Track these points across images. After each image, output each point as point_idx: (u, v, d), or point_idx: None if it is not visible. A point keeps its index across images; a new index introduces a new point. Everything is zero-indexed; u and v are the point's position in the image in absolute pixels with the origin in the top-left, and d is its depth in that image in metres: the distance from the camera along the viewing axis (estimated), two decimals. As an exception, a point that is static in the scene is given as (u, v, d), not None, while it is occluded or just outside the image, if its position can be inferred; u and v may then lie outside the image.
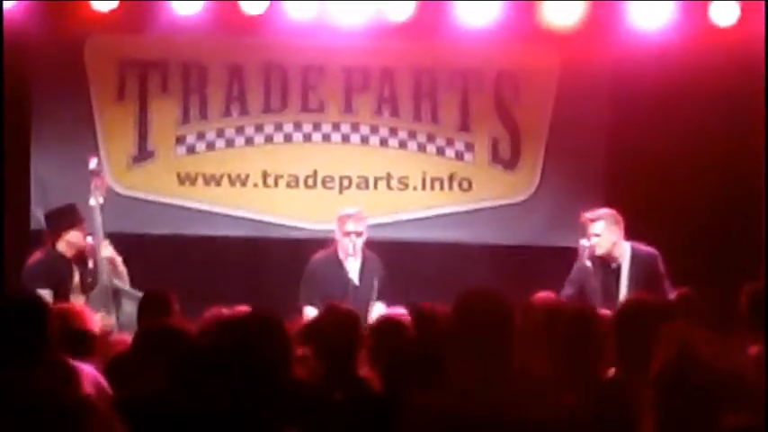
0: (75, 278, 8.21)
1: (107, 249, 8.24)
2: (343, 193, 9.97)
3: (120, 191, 9.84)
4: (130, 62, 9.97)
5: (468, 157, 10.07)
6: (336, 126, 10.06)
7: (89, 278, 8.19)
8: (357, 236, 8.58)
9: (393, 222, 9.96)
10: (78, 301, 7.90)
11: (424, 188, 10.05)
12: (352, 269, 8.52)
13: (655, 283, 8.06)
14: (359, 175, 10.04)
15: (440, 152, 10.06)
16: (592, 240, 8.35)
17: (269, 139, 10.04)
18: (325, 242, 8.94)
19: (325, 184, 10.03)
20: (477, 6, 9.56)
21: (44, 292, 7.47)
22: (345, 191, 10.00)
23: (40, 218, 8.91)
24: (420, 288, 8.55)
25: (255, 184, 10.00)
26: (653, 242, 8.50)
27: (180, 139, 10.00)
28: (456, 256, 9.81)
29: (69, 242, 8.27)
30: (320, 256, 8.73)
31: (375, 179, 10.04)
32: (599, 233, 8.37)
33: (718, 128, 9.74)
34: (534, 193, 10.05)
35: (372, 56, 10.00)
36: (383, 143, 10.07)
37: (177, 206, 9.98)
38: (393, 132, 10.06)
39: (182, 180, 9.99)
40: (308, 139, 10.06)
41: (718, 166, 9.84)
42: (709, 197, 9.83)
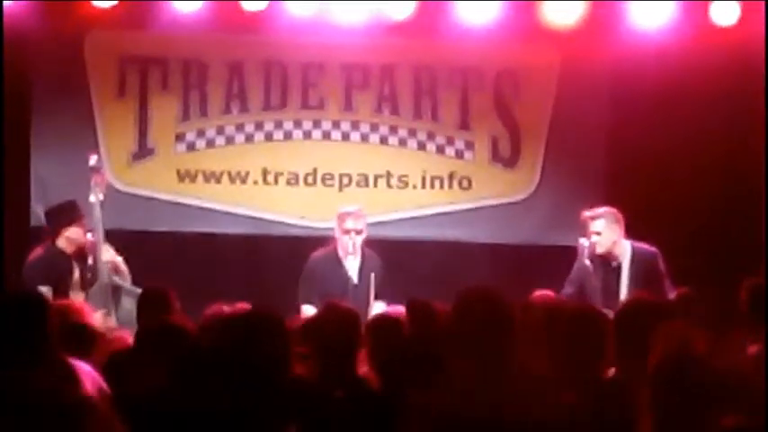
0: (75, 275, 8.21)
1: (108, 252, 8.24)
2: (343, 191, 9.96)
3: (120, 188, 9.84)
4: (131, 59, 9.97)
5: (468, 155, 10.06)
6: (336, 124, 10.05)
7: (89, 274, 8.19)
8: (357, 234, 8.55)
9: (393, 220, 9.96)
10: (78, 297, 7.90)
11: (423, 186, 10.05)
12: (352, 267, 8.49)
13: (655, 282, 8.05)
14: (359, 173, 10.04)
15: (440, 150, 10.06)
16: (592, 238, 8.33)
17: (269, 137, 10.04)
18: (324, 240, 8.93)
19: (324, 181, 10.02)
20: (478, 5, 9.57)
21: (44, 289, 7.48)
22: (345, 189, 10.00)
23: (40, 214, 8.93)
24: (419, 287, 8.51)
25: (255, 182, 10.00)
26: (653, 242, 8.49)
27: (180, 137, 10.00)
28: (456, 255, 9.81)
29: (69, 239, 8.27)
30: (319, 253, 8.71)
31: (375, 177, 10.04)
32: (599, 231, 8.35)
33: (718, 128, 9.74)
34: (534, 191, 10.05)
35: (372, 54, 9.99)
36: (383, 141, 10.07)
37: (177, 203, 9.98)
38: (393, 130, 10.06)
39: (182, 177, 9.99)
40: (307, 136, 10.05)
41: (718, 166, 9.84)
42: (709, 197, 9.83)
